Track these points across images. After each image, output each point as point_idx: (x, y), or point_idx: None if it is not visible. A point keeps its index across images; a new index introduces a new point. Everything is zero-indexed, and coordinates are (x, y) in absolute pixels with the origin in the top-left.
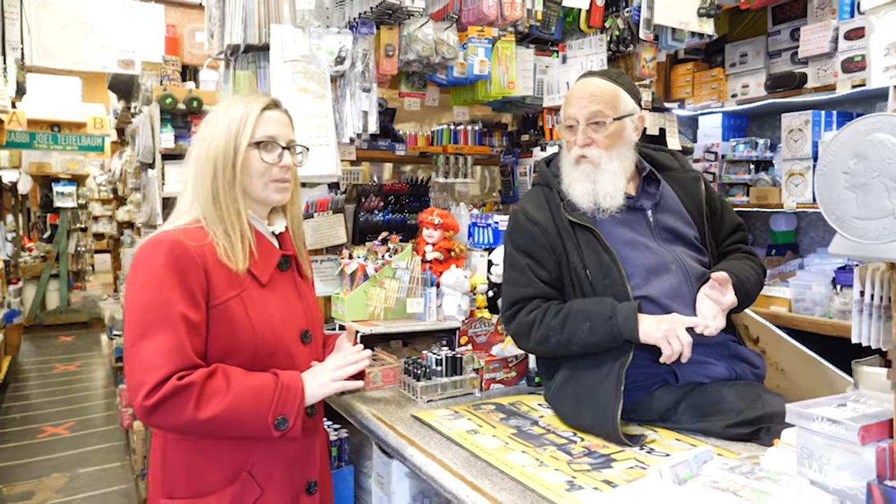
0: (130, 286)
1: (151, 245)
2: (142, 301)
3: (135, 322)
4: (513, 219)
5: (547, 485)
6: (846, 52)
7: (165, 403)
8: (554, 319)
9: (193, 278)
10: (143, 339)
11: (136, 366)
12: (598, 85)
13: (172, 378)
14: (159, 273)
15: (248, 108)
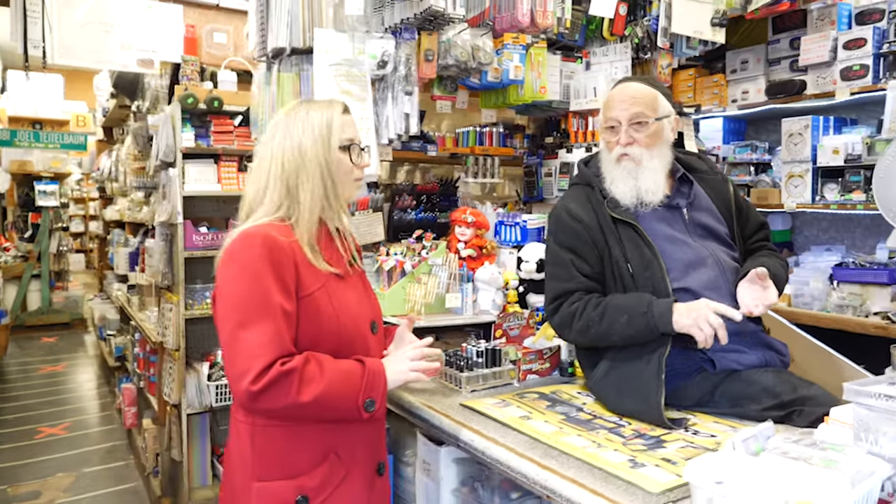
0: (225, 278)
1: (244, 239)
2: (239, 291)
3: (233, 312)
4: (555, 217)
5: (611, 464)
6: (845, 61)
7: (271, 388)
8: (594, 311)
9: (286, 270)
10: (243, 327)
11: (239, 353)
12: (637, 88)
13: (276, 364)
14: (255, 265)
15: (329, 112)
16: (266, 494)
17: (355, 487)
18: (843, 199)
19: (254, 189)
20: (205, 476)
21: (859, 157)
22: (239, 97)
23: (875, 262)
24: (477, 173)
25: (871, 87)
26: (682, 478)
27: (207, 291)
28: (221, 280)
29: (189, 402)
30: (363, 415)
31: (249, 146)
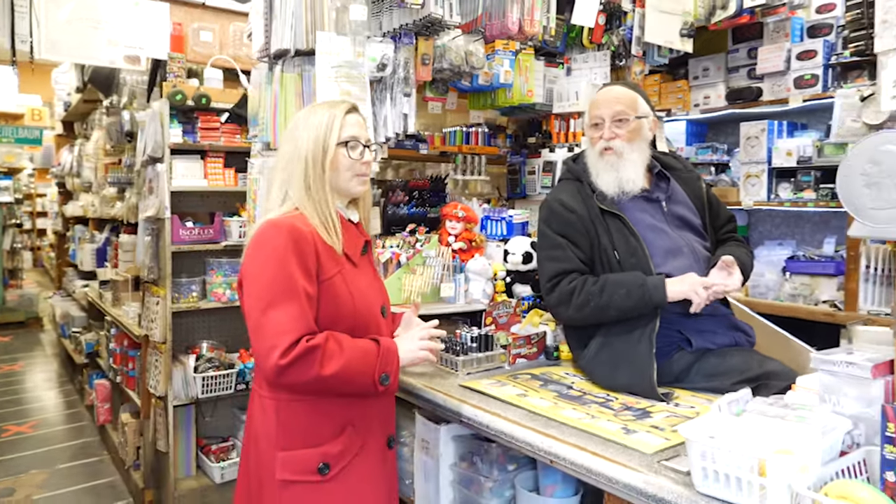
0: (253, 263)
1: (271, 228)
2: (268, 276)
3: (262, 293)
4: (548, 208)
5: (607, 431)
6: (798, 70)
7: (298, 362)
8: (594, 286)
9: (308, 257)
10: (271, 308)
11: (267, 331)
12: (620, 90)
13: (302, 340)
14: (281, 252)
15: (333, 112)
16: (291, 461)
17: (371, 457)
18: (795, 198)
19: (277, 184)
20: (189, 467)
21: (810, 158)
22: (225, 94)
23: (823, 256)
24: (465, 171)
25: (821, 95)
26: (670, 441)
27: (193, 285)
28: (250, 266)
29: (175, 394)
30: (379, 388)
31: (236, 142)
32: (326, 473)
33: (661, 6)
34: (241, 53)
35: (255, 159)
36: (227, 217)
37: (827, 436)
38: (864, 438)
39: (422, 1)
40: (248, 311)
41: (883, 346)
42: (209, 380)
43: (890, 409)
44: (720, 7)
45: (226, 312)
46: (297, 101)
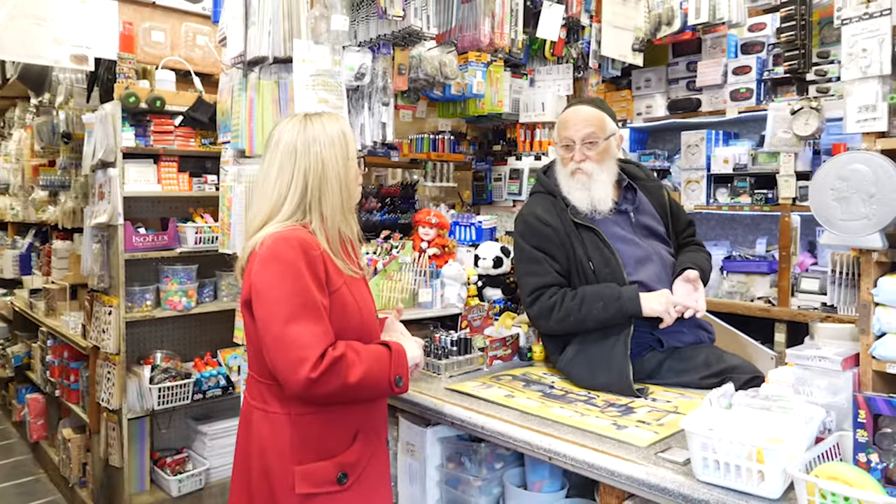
0: (269, 279)
1: (282, 242)
2: (286, 289)
3: (282, 307)
4: (524, 222)
5: (599, 427)
6: (734, 84)
7: (326, 374)
8: (572, 302)
9: (320, 270)
10: (294, 321)
11: (292, 345)
12: (588, 111)
13: (328, 352)
14: (297, 266)
15: (340, 124)
16: (310, 475)
17: (380, 460)
18: (732, 202)
19: (274, 196)
20: (143, 481)
21: (745, 166)
22: (178, 96)
23: (756, 255)
24: (434, 177)
25: (755, 108)
26: (659, 434)
27: (147, 293)
28: (263, 281)
29: (130, 407)
30: (395, 390)
31: (190, 146)
32: (345, 482)
33: (615, 22)
34: (193, 55)
35: (228, 166)
36: (182, 223)
37: (809, 424)
38: (834, 424)
39: (403, 13)
40: (267, 325)
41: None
42: (165, 391)
43: (861, 397)
44: (665, 23)
45: (180, 321)
46: (274, 108)
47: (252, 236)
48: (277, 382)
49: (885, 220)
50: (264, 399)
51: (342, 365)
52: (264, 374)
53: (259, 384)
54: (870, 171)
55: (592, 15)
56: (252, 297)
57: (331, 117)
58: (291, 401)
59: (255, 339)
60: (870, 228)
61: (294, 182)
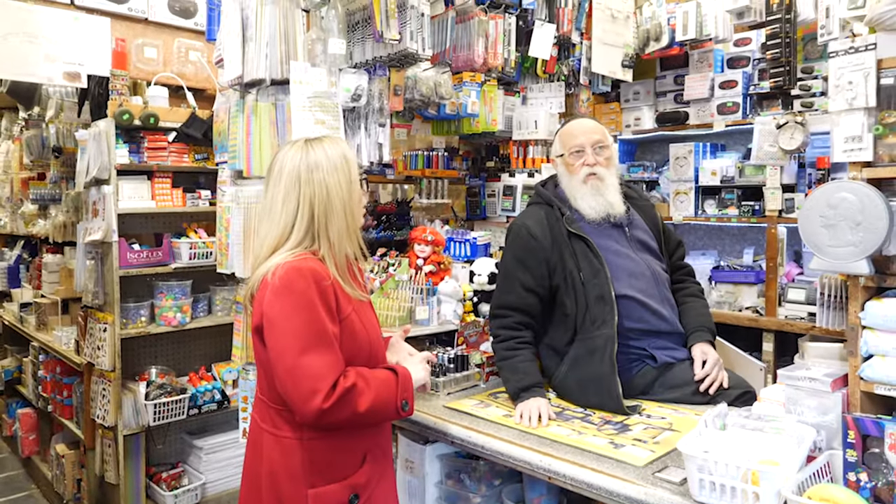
0: (282, 310)
1: (296, 273)
2: (300, 321)
3: (295, 339)
4: (514, 232)
5: (596, 446)
6: (720, 98)
7: (338, 404)
8: (502, 351)
9: (331, 299)
10: (307, 353)
11: (305, 375)
12: (592, 122)
13: (339, 382)
14: (309, 297)
15: (342, 148)
16: (323, 497)
17: (388, 480)
18: (720, 213)
19: (281, 225)
20: (138, 497)
21: (732, 178)
22: (172, 113)
23: (743, 265)
24: (429, 194)
25: (741, 121)
26: (655, 453)
27: (142, 310)
28: (276, 311)
29: (125, 423)
30: (401, 414)
31: (184, 162)
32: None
33: (605, 39)
34: (186, 70)
35: (225, 186)
36: (176, 238)
37: (801, 446)
38: (824, 443)
39: (399, 37)
40: (280, 356)
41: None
42: (161, 406)
43: (850, 418)
44: (654, 39)
45: (175, 336)
46: (272, 129)
47: (261, 264)
48: (288, 408)
49: (871, 247)
50: (274, 423)
51: (353, 394)
52: (274, 399)
53: (269, 408)
54: (856, 200)
55: (583, 32)
56: (264, 327)
57: (332, 141)
58: (302, 425)
59: (266, 365)
60: (857, 255)
61: (300, 210)
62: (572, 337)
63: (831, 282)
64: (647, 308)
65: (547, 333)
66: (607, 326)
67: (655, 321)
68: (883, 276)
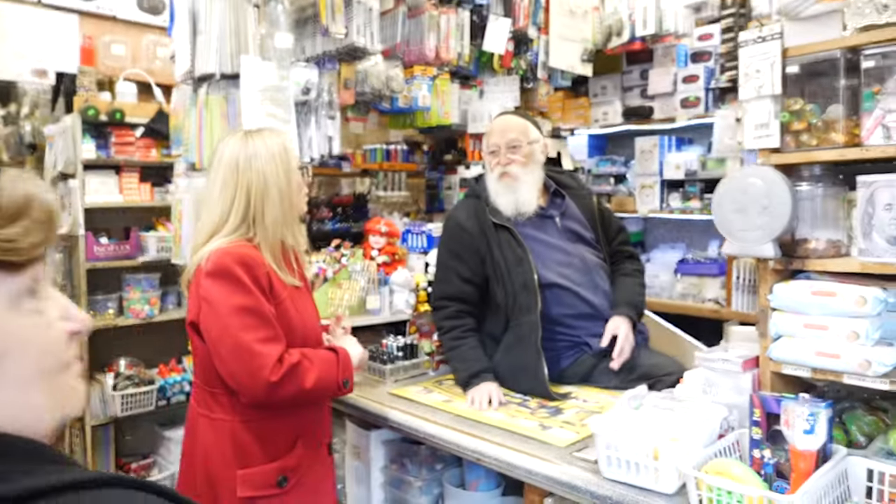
0: (219, 292)
1: (227, 257)
2: (236, 301)
3: (234, 318)
4: (447, 225)
5: (525, 428)
6: (683, 92)
7: (285, 379)
8: (449, 342)
9: (265, 282)
10: (248, 331)
11: (250, 353)
12: (511, 119)
13: (285, 358)
14: (242, 279)
15: (281, 139)
16: (251, 479)
17: (319, 465)
18: (683, 206)
19: (218, 212)
20: None
21: (696, 171)
22: (140, 108)
23: (708, 258)
24: (386, 186)
25: (704, 115)
26: (580, 434)
27: (110, 302)
28: (213, 294)
29: (93, 414)
30: (342, 391)
31: (152, 157)
32: (285, 486)
33: (563, 34)
34: (154, 67)
35: (179, 179)
36: (144, 232)
37: (706, 423)
38: (737, 423)
39: (345, 31)
40: (222, 336)
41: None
42: (129, 397)
43: (756, 397)
44: (615, 34)
45: (144, 329)
46: (223, 122)
47: (198, 251)
48: (224, 390)
49: (776, 230)
50: (209, 406)
51: (300, 370)
52: (210, 382)
53: (204, 392)
54: (763, 185)
55: (541, 27)
56: (202, 311)
57: (272, 133)
58: (236, 408)
59: (202, 352)
60: (763, 238)
61: (237, 197)
62: (505, 325)
63: (744, 265)
64: (577, 296)
65: (486, 322)
66: (532, 313)
67: (586, 308)
68: (790, 260)
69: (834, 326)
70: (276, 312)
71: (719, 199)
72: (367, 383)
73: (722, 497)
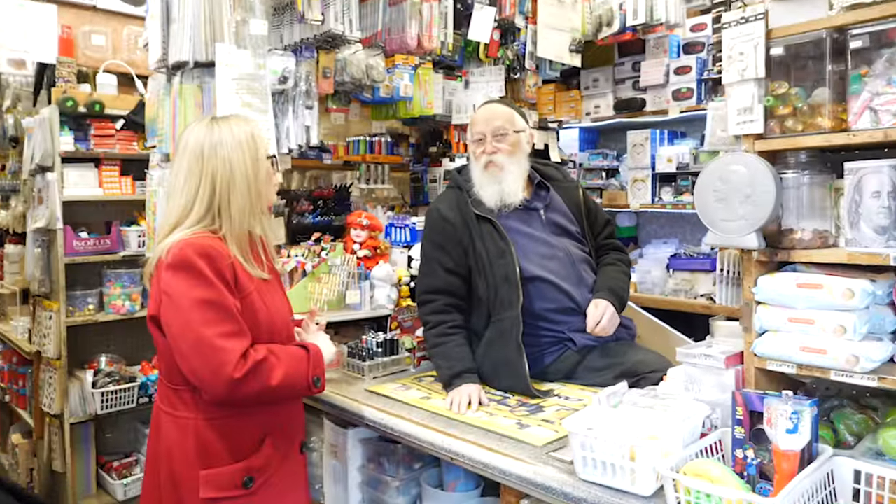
0: (178, 285)
1: (189, 249)
2: (197, 296)
3: (196, 313)
4: (429, 217)
5: (502, 427)
6: (675, 84)
7: (250, 376)
8: (433, 338)
9: (229, 275)
10: (210, 325)
11: (212, 349)
12: (497, 107)
13: (249, 354)
14: (204, 271)
15: (249, 126)
16: (215, 479)
17: (290, 464)
18: (676, 200)
19: (182, 202)
20: (89, 486)
21: (688, 164)
22: (120, 100)
23: (701, 253)
24: (368, 179)
25: (696, 107)
26: (558, 433)
27: (90, 297)
28: (173, 288)
29: (72, 412)
30: (313, 390)
31: (133, 150)
32: (251, 486)
33: (551, 23)
34: (136, 58)
35: (154, 170)
36: (125, 227)
37: (687, 422)
38: (720, 421)
39: (322, 17)
40: (183, 332)
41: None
42: (109, 395)
43: (738, 394)
44: (606, 24)
45: (125, 324)
46: (198, 112)
47: (160, 242)
48: (187, 387)
49: (760, 220)
50: (172, 404)
51: (265, 367)
52: (174, 380)
53: (168, 389)
54: (747, 173)
55: (528, 16)
56: (164, 305)
57: (239, 120)
58: (199, 405)
59: (164, 348)
60: (746, 229)
61: (202, 186)
62: (487, 320)
63: (729, 257)
64: (560, 290)
65: (470, 318)
66: (513, 308)
67: (570, 303)
68: (774, 251)
69: (820, 320)
70: (241, 306)
71: (701, 188)
72: (346, 380)
73: (700, 499)
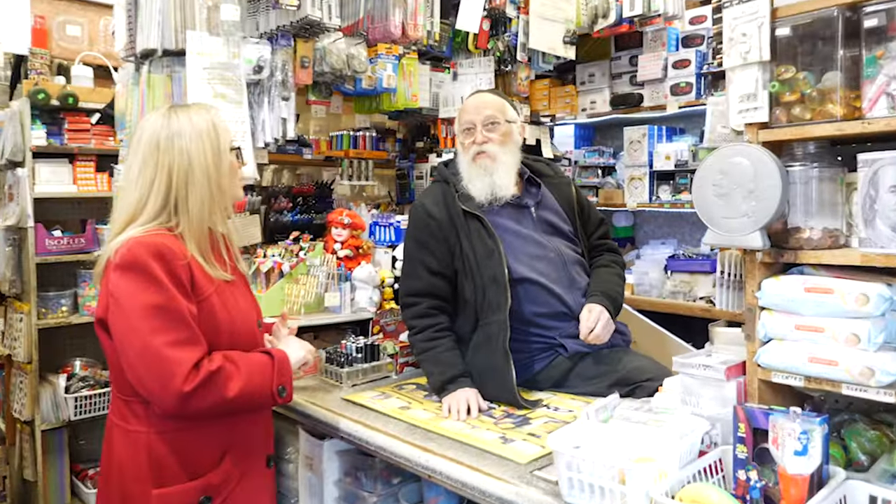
0: (126, 288)
1: (138, 247)
2: (146, 300)
3: (144, 318)
4: (413, 214)
5: (484, 441)
6: (674, 78)
7: (202, 388)
8: (420, 343)
9: (184, 277)
10: (158, 333)
11: (159, 359)
12: (488, 96)
13: (203, 364)
14: (156, 273)
15: (210, 115)
16: (167, 499)
17: (253, 481)
18: (674, 199)
19: (136, 196)
20: (63, 495)
21: (686, 162)
22: (96, 93)
23: (700, 254)
24: (352, 176)
25: (695, 102)
26: (545, 448)
27: (63, 299)
28: (121, 290)
29: (44, 418)
30: (278, 401)
31: (109, 145)
32: None
33: (544, 13)
34: (113, 49)
35: (122, 165)
36: (101, 225)
37: (684, 440)
38: (720, 438)
39: (297, 2)
40: (128, 338)
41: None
42: (83, 400)
43: (740, 409)
44: (601, 16)
45: None
46: (167, 103)
47: (111, 241)
48: (138, 398)
49: (765, 217)
50: (123, 416)
51: (220, 378)
52: (124, 390)
53: (119, 400)
54: (750, 165)
55: (520, 6)
56: (110, 310)
57: (199, 108)
58: (152, 418)
59: (114, 356)
60: (749, 227)
61: (157, 179)
62: (475, 324)
63: (730, 258)
64: (551, 293)
65: (455, 321)
66: (501, 311)
67: (561, 307)
68: (780, 251)
69: (831, 328)
70: (198, 310)
71: (700, 183)
72: (323, 388)
73: None
